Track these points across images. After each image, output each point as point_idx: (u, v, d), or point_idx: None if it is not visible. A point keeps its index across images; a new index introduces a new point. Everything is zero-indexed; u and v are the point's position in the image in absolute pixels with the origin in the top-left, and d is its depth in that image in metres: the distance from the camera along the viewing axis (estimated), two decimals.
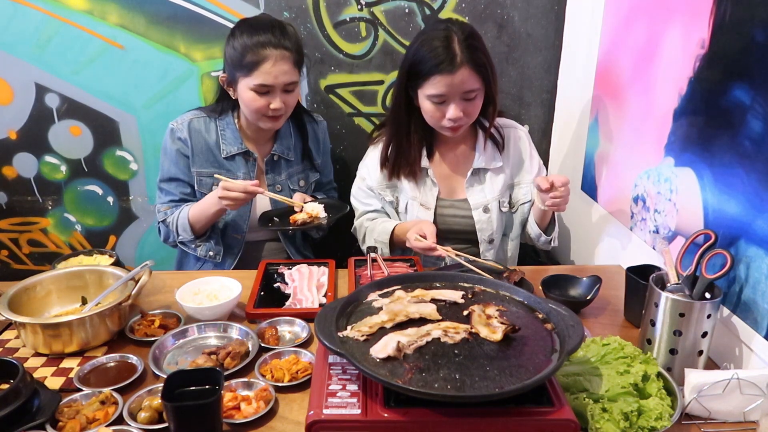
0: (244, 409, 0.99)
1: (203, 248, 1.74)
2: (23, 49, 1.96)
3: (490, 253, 1.73)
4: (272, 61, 1.54)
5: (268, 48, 1.54)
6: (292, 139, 1.81)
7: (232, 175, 1.72)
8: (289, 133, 1.80)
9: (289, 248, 1.86)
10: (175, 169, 1.71)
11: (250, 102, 1.59)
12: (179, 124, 1.70)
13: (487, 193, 1.70)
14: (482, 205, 1.69)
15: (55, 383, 1.07)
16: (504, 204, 1.72)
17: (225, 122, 1.72)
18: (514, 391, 0.79)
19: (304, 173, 1.84)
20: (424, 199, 1.71)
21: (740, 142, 1.11)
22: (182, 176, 1.72)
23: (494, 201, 1.70)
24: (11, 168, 2.12)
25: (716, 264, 1.07)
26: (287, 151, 1.79)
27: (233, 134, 1.72)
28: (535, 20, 2.03)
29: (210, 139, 1.71)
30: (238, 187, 1.51)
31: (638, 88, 1.53)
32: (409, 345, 0.87)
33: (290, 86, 1.60)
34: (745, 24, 1.10)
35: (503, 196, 1.72)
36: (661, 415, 0.92)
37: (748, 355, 1.10)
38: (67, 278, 1.32)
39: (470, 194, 1.71)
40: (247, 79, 1.56)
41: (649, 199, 1.49)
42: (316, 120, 1.87)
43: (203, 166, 1.71)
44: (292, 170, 1.82)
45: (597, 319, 1.34)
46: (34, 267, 2.27)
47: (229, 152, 1.71)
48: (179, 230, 1.69)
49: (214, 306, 1.27)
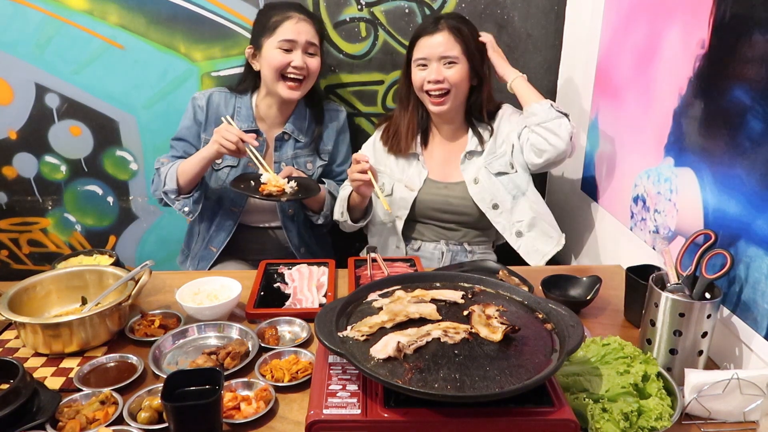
0: (244, 409, 0.99)
1: (181, 203, 1.75)
2: (23, 49, 1.96)
3: (501, 217, 1.73)
4: (295, 20, 1.70)
5: (291, 11, 1.72)
6: (306, 122, 1.87)
7: None
8: (303, 116, 1.87)
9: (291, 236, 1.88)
10: (186, 131, 1.83)
11: (272, 60, 1.70)
12: (201, 94, 1.84)
13: (476, 165, 1.75)
14: (473, 177, 1.74)
15: (55, 383, 1.07)
16: (493, 167, 1.73)
17: (243, 100, 1.83)
18: (514, 391, 0.79)
19: (311, 157, 1.89)
20: (408, 181, 1.78)
21: (740, 142, 1.11)
22: (190, 139, 1.83)
23: (480, 169, 1.74)
24: (11, 168, 2.12)
25: (716, 264, 1.07)
26: (298, 132, 1.85)
27: (247, 112, 1.82)
28: (535, 20, 2.03)
29: (227, 113, 1.80)
30: (234, 129, 1.62)
31: (638, 88, 1.53)
32: (409, 345, 0.87)
33: (311, 48, 1.72)
34: (745, 24, 1.10)
35: (490, 162, 1.74)
36: (661, 415, 0.92)
37: (748, 355, 1.10)
38: (67, 278, 1.32)
39: (465, 174, 1.76)
40: (271, 38, 1.70)
41: (649, 199, 1.49)
42: (336, 109, 1.94)
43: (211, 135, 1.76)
44: (300, 152, 1.87)
45: (597, 319, 1.34)
46: (34, 267, 2.27)
47: (239, 128, 1.75)
48: (167, 179, 1.73)
49: (214, 306, 1.27)
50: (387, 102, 2.11)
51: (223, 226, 1.87)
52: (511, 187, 1.73)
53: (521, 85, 1.69)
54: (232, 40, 1.99)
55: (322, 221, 1.89)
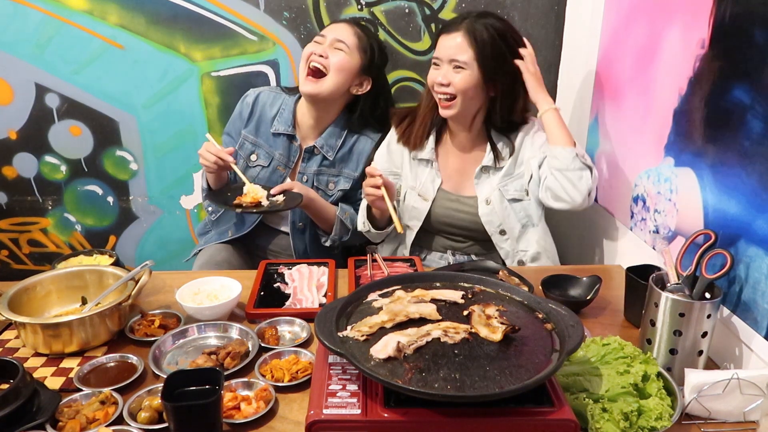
0: (244, 409, 0.99)
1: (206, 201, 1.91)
2: (23, 49, 1.96)
3: (506, 243, 1.68)
4: (333, 24, 1.78)
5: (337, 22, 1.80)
6: (340, 141, 1.83)
7: (271, 150, 1.83)
8: (338, 135, 1.83)
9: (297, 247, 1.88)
10: (231, 126, 1.89)
11: (304, 51, 1.75)
12: (253, 91, 1.88)
13: (491, 184, 1.68)
14: (485, 197, 1.67)
15: (55, 383, 1.07)
16: (507, 191, 1.66)
17: (288, 103, 1.84)
18: (514, 391, 0.79)
19: (336, 178, 1.86)
20: (422, 189, 1.72)
21: (740, 142, 1.11)
22: (233, 134, 1.88)
23: (494, 191, 1.66)
24: (11, 168, 2.12)
25: (716, 264, 1.07)
26: (328, 148, 1.82)
27: (288, 115, 1.82)
28: (535, 20, 2.03)
29: (270, 113, 1.84)
30: (213, 149, 1.63)
31: (638, 88, 1.53)
32: (409, 345, 0.87)
33: (338, 44, 1.71)
34: (745, 24, 1.10)
35: (506, 184, 1.66)
36: (661, 415, 0.92)
37: (748, 355, 1.10)
38: (67, 278, 1.32)
39: (479, 190, 1.69)
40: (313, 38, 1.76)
41: (649, 199, 1.49)
42: (372, 136, 1.87)
43: (251, 132, 1.84)
44: (325, 169, 1.84)
45: (597, 319, 1.34)
46: (34, 267, 2.27)
47: (277, 129, 1.81)
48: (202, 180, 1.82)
49: (214, 306, 1.27)
50: None
51: (245, 220, 1.89)
52: (522, 215, 1.67)
53: (551, 120, 1.55)
54: (232, 40, 1.99)
55: (329, 244, 1.85)
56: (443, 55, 1.56)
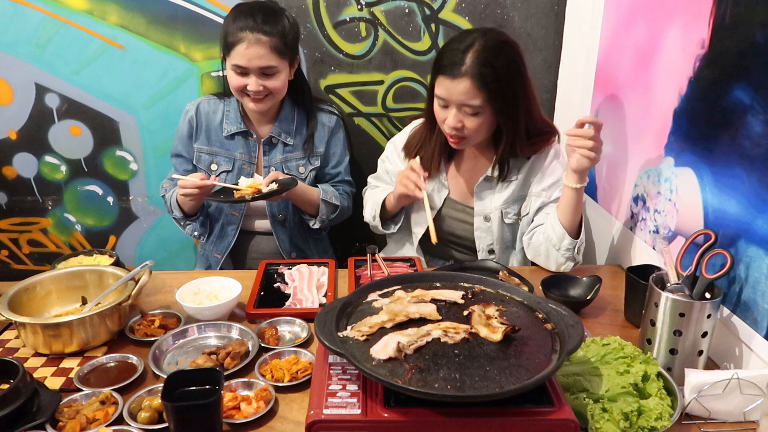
0: (244, 409, 0.99)
1: (190, 227, 1.84)
2: (23, 49, 1.96)
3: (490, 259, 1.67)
4: (246, 44, 1.59)
5: (245, 31, 1.59)
6: (294, 124, 1.82)
7: (230, 153, 1.80)
8: (290, 118, 1.82)
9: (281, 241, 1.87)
10: (180, 146, 1.83)
11: (231, 81, 1.67)
12: (191, 104, 1.82)
13: (494, 201, 1.65)
14: (484, 213, 1.65)
15: (55, 383, 1.07)
16: (508, 215, 1.64)
17: (230, 104, 1.81)
18: (514, 391, 0.79)
19: (303, 160, 1.84)
20: (429, 198, 1.67)
21: (740, 142, 1.11)
22: (185, 153, 1.83)
23: (496, 210, 1.64)
24: (11, 168, 2.12)
25: (716, 264, 1.07)
26: (285, 134, 1.81)
27: (235, 114, 1.80)
28: (535, 20, 2.03)
29: (215, 119, 1.81)
30: (189, 183, 1.59)
31: (638, 88, 1.53)
32: (409, 345, 0.87)
33: (267, 70, 1.64)
34: (745, 24, 1.10)
35: (508, 206, 1.64)
36: (661, 415, 0.92)
37: (748, 355, 1.10)
38: (67, 278, 1.32)
39: (477, 201, 1.67)
40: (228, 58, 1.65)
41: (649, 199, 1.49)
42: (326, 108, 1.87)
43: (203, 143, 1.81)
44: (290, 155, 1.83)
45: (597, 319, 1.34)
46: (34, 267, 2.27)
47: (230, 131, 1.79)
48: (172, 208, 1.78)
49: (214, 306, 1.27)
50: (387, 102, 2.11)
51: (226, 231, 1.86)
52: (509, 238, 1.68)
53: (571, 198, 1.47)
54: None
55: (318, 225, 1.85)
56: (452, 99, 1.45)
